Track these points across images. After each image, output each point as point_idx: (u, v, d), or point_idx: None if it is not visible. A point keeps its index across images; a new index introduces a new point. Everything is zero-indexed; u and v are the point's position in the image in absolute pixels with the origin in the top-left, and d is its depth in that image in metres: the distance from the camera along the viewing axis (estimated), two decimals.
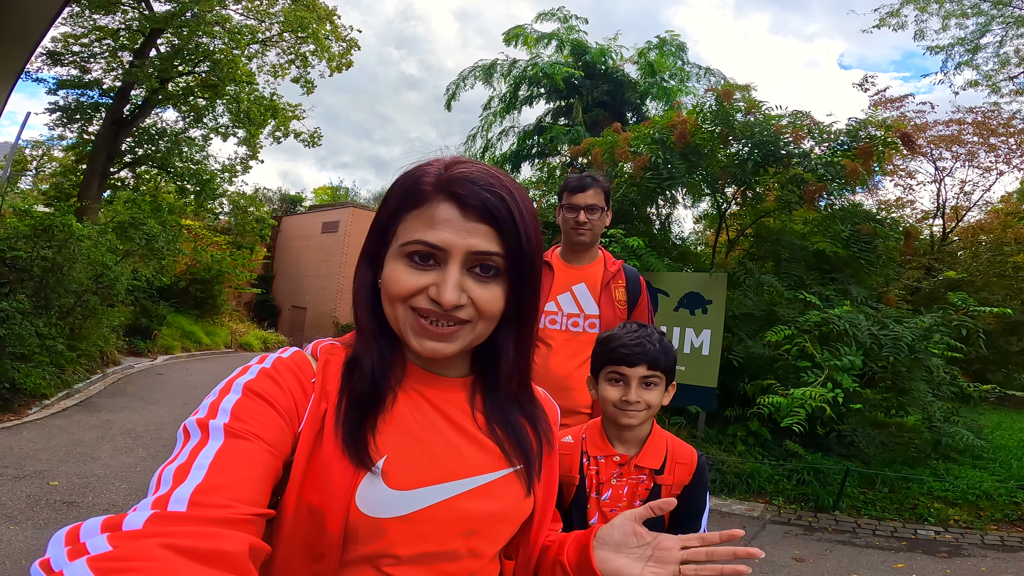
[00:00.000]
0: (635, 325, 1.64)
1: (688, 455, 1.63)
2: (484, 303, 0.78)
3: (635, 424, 1.57)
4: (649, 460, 1.60)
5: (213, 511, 0.60)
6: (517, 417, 0.90)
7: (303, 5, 18.17)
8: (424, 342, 0.78)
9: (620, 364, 1.56)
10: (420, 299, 0.78)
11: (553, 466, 0.95)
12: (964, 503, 5.99)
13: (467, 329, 0.80)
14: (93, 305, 9.33)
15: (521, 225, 0.79)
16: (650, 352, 1.55)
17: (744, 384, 7.03)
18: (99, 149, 16.17)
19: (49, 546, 0.55)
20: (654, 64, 13.30)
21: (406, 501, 0.77)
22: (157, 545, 0.54)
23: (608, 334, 1.65)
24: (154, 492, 0.62)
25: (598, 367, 1.64)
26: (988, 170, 13.78)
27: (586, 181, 2.42)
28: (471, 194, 0.77)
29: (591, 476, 1.61)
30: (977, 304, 5.97)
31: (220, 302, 19.52)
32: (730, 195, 8.54)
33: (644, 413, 1.56)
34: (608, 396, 1.58)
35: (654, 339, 1.58)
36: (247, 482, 0.66)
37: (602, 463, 1.61)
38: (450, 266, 0.77)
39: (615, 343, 1.59)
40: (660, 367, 1.56)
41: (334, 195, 44.20)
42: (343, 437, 0.76)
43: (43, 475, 5.06)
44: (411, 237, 0.78)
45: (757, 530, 5.41)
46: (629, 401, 1.54)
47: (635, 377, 1.55)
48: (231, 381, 0.76)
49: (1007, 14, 12.49)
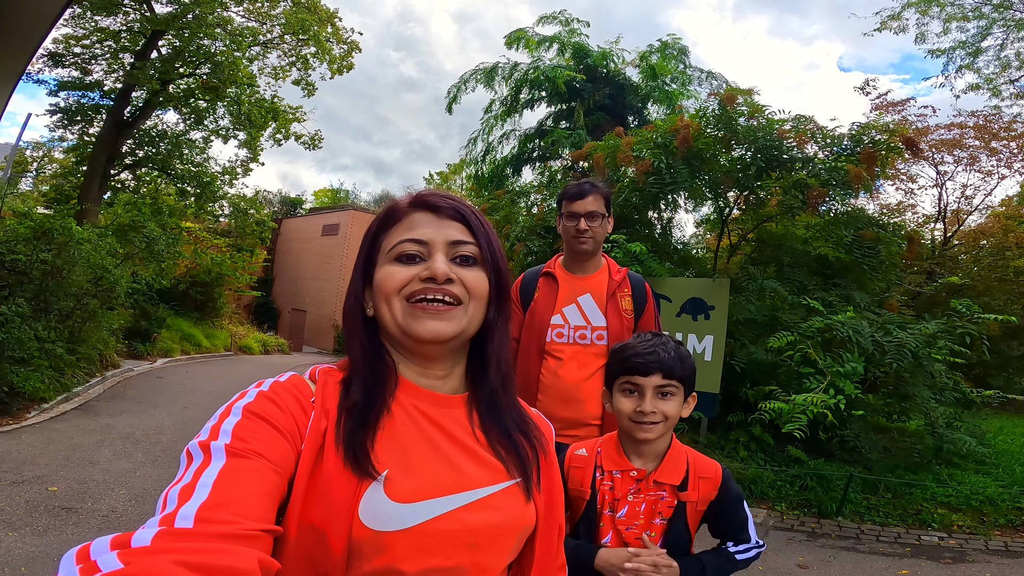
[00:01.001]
0: (649, 334, 1.59)
1: (712, 469, 1.56)
2: (471, 282, 0.87)
3: (652, 438, 1.50)
4: (669, 475, 1.53)
5: (220, 527, 0.61)
6: (510, 426, 0.92)
7: (304, 7, 18.19)
8: (424, 323, 0.85)
9: (633, 374, 1.51)
10: (413, 283, 0.86)
11: (554, 477, 0.96)
12: (967, 508, 5.97)
13: (460, 310, 0.87)
14: (93, 308, 9.30)
15: (486, 225, 0.92)
16: (665, 360, 1.49)
17: (746, 390, 7.01)
18: (100, 151, 16.16)
19: (61, 567, 0.56)
20: (656, 67, 13.28)
21: (409, 514, 0.77)
22: (169, 562, 0.55)
23: (621, 344, 1.61)
24: (161, 512, 0.63)
25: (612, 378, 1.58)
26: (989, 174, 13.81)
27: (585, 188, 2.38)
28: (441, 201, 0.90)
29: (604, 491, 1.55)
30: (981, 311, 5.95)
31: (220, 305, 19.48)
32: (732, 200, 8.52)
33: (661, 426, 1.50)
34: (622, 408, 1.52)
35: (669, 347, 1.53)
36: (253, 498, 0.66)
37: (618, 478, 1.54)
38: (435, 254, 0.87)
39: (628, 352, 1.54)
40: (676, 375, 1.50)
41: (334, 197, 44.28)
42: (344, 451, 0.77)
43: (42, 480, 5.02)
44: (396, 241, 0.88)
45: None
46: (644, 412, 1.48)
47: (650, 387, 1.49)
48: (231, 405, 0.77)
49: (1008, 17, 12.50)
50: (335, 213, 30.02)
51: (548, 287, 2.42)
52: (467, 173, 18.27)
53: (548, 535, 0.93)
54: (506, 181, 13.98)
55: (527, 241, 8.65)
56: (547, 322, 2.35)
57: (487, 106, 14.75)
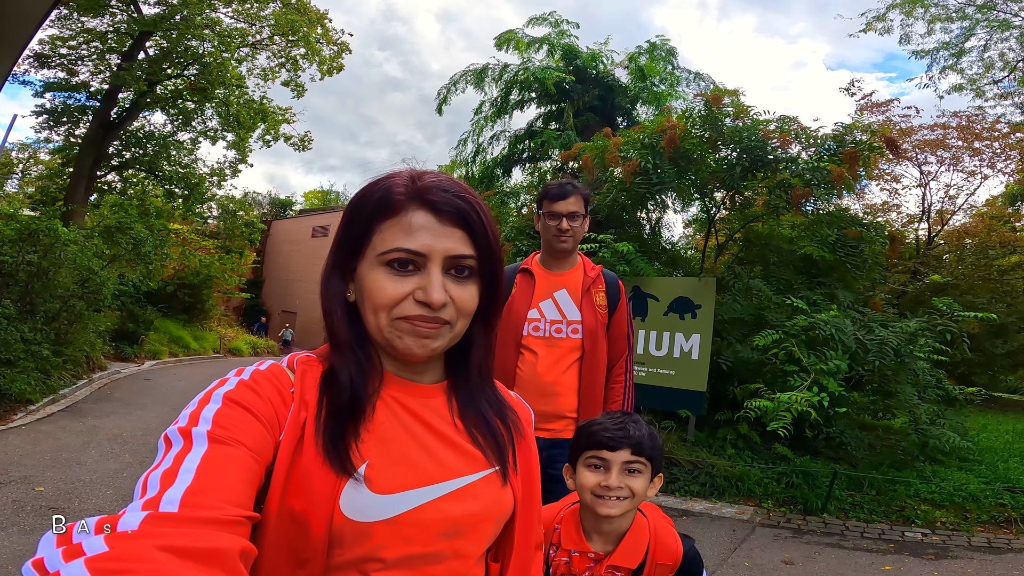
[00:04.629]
0: (619, 413, 1.56)
1: (671, 553, 1.50)
2: (463, 302, 0.83)
3: (615, 515, 1.44)
4: (626, 559, 1.46)
5: (205, 512, 0.60)
6: (487, 411, 0.92)
7: (294, 8, 18.14)
8: (410, 341, 0.82)
9: (601, 448, 1.46)
10: (406, 304, 0.81)
11: (530, 458, 0.97)
12: (951, 505, 6.03)
13: (447, 328, 0.83)
14: (79, 310, 9.24)
15: (489, 228, 0.85)
16: (634, 436, 1.45)
17: (733, 388, 7.06)
18: (86, 152, 16.07)
19: (40, 546, 0.54)
20: (644, 69, 13.35)
21: (390, 505, 0.78)
22: (153, 546, 0.54)
23: (589, 421, 1.56)
24: (141, 496, 0.62)
25: (577, 454, 1.52)
26: (973, 174, 14.00)
27: (567, 188, 2.42)
28: (444, 201, 0.82)
29: (559, 565, 1.49)
30: (962, 309, 6.04)
31: (208, 307, 19.39)
32: (719, 200, 8.59)
33: (626, 502, 1.44)
34: (586, 483, 1.46)
35: (640, 425, 1.49)
36: (234, 485, 0.66)
37: (576, 556, 1.49)
38: (431, 269, 0.81)
39: (596, 427, 1.50)
40: (645, 453, 1.45)
41: (324, 199, 44.17)
42: (324, 446, 0.77)
43: (28, 481, 5.00)
44: (390, 246, 0.81)
45: (747, 533, 5.43)
46: (610, 487, 1.42)
47: (617, 462, 1.44)
48: (209, 392, 0.76)
49: (991, 18, 12.68)
50: (325, 215, 29.96)
51: (525, 283, 2.48)
52: (457, 174, 18.22)
53: (526, 516, 0.94)
54: (496, 182, 14.00)
55: (516, 241, 8.68)
56: (523, 317, 2.40)
57: (477, 107, 14.77)
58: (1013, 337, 13.01)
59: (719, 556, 4.82)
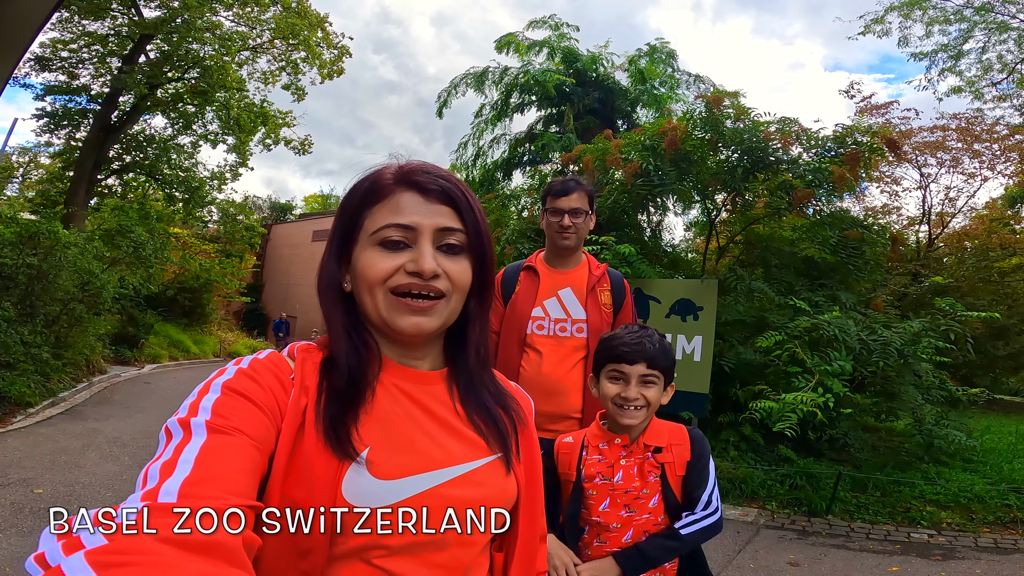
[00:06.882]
0: (636, 326, 1.71)
1: (679, 434, 1.69)
2: (456, 274, 0.86)
3: (634, 423, 1.63)
4: (654, 439, 1.66)
5: (204, 502, 0.60)
6: (488, 399, 0.93)
7: (295, 12, 18.17)
8: (407, 318, 0.84)
9: (620, 362, 1.63)
10: (398, 276, 0.83)
11: (533, 448, 0.96)
12: (956, 506, 6.02)
13: (443, 303, 0.85)
14: (79, 313, 9.23)
15: (474, 205, 0.89)
16: (649, 351, 1.62)
17: (736, 390, 7.04)
18: (86, 156, 16.08)
19: (41, 540, 0.55)
20: (644, 71, 13.38)
21: (392, 491, 0.78)
22: (152, 537, 0.54)
23: (610, 334, 1.73)
24: (141, 488, 0.62)
25: (599, 365, 1.70)
26: (972, 176, 13.98)
27: (570, 185, 2.40)
28: (430, 181, 0.86)
29: (592, 465, 1.66)
30: (964, 309, 6.02)
31: (208, 311, 19.39)
32: (720, 202, 8.57)
33: (644, 411, 1.62)
34: (608, 393, 1.64)
35: (654, 339, 1.65)
36: (235, 474, 0.66)
37: (605, 449, 1.67)
38: (422, 242, 0.84)
39: (616, 342, 1.66)
40: (659, 366, 1.62)
41: (324, 203, 44.20)
42: (325, 431, 0.77)
43: (27, 483, 4.98)
44: (380, 224, 0.84)
45: (751, 535, 5.40)
46: (628, 398, 1.60)
47: (634, 375, 1.61)
48: (209, 382, 0.76)
49: (989, 20, 12.71)
50: (325, 219, 29.95)
51: (529, 281, 2.45)
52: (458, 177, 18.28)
53: (530, 505, 0.93)
54: (497, 185, 13.99)
55: (517, 244, 8.66)
56: (528, 315, 2.37)
57: (477, 110, 14.80)
58: (1014, 339, 13.01)
59: (724, 558, 4.79)
